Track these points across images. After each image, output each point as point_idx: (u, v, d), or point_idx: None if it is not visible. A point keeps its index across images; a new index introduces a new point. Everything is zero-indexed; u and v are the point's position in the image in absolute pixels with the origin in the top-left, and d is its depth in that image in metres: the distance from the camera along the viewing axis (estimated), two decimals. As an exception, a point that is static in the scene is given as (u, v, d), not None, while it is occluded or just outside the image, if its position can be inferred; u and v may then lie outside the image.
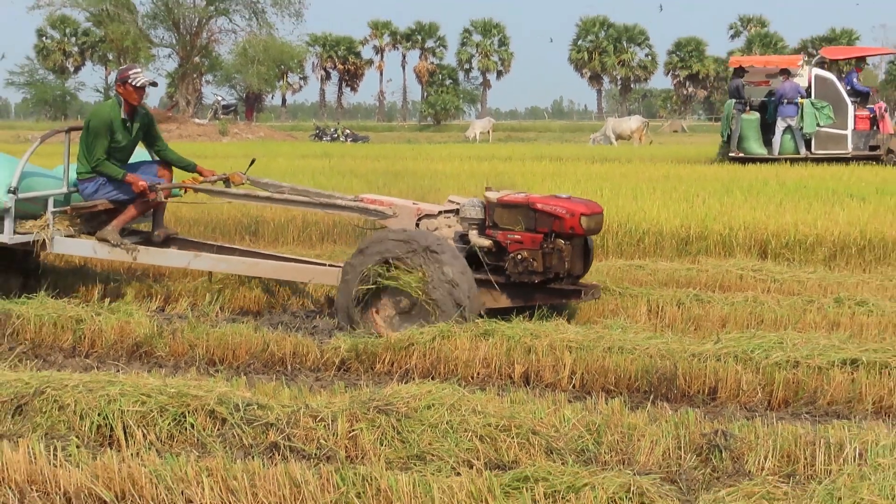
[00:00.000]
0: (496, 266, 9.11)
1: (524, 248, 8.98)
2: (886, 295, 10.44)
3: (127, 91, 10.04)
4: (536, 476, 4.94)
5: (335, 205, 9.99)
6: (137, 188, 9.87)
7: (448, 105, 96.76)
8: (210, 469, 5.09)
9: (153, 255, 10.21)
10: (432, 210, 9.57)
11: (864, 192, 17.24)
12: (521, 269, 8.97)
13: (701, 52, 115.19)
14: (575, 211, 8.94)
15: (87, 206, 10.18)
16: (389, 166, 24.45)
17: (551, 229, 8.95)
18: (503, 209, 9.15)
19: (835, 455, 5.55)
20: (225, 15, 70.70)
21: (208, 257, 10.09)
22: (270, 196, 10.14)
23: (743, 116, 27.28)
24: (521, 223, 9.05)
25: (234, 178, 10.40)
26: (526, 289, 9.11)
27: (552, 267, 8.95)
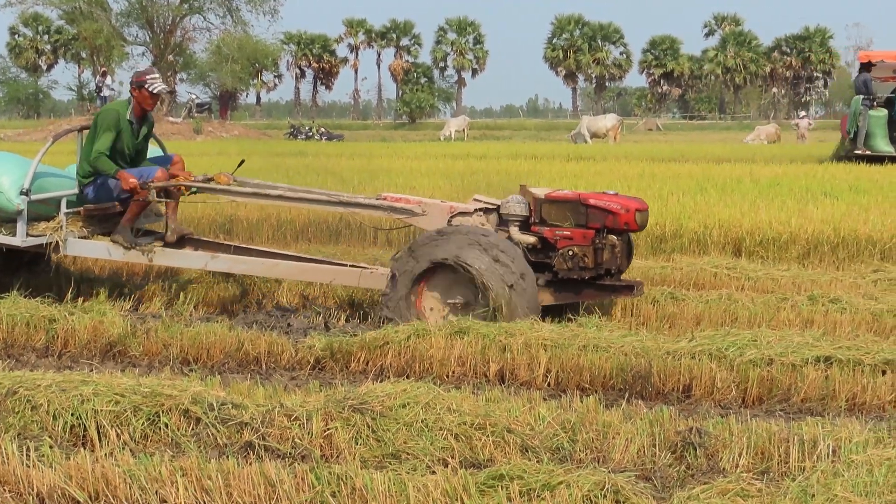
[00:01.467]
0: (540, 263, 9.10)
1: (574, 244, 8.96)
2: (860, 292, 10.49)
3: (142, 96, 9.98)
4: (511, 474, 4.94)
5: (357, 203, 9.87)
6: (127, 185, 9.73)
7: (423, 103, 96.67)
8: (184, 469, 5.07)
9: (169, 257, 10.08)
10: (467, 208, 9.49)
11: (837, 190, 17.32)
12: (571, 265, 8.95)
13: (675, 51, 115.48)
14: (630, 207, 8.96)
15: (100, 208, 10.07)
16: (365, 165, 24.42)
17: (604, 225, 8.95)
18: (552, 205, 9.14)
19: (808, 452, 5.57)
20: (199, 13, 70.46)
21: (226, 258, 9.96)
22: (283, 195, 10.01)
23: (870, 112, 26.65)
24: (571, 219, 9.03)
25: (219, 179, 10.16)
26: (574, 285, 9.09)
27: (603, 263, 8.96)
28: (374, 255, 12.21)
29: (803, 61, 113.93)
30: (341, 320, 9.74)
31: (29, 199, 9.70)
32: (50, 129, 52.19)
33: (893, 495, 4.60)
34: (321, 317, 9.74)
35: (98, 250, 10.16)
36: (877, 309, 9.49)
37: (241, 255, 10.14)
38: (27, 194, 9.67)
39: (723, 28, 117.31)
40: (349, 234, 14.36)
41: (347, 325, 9.60)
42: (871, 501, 4.54)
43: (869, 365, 7.20)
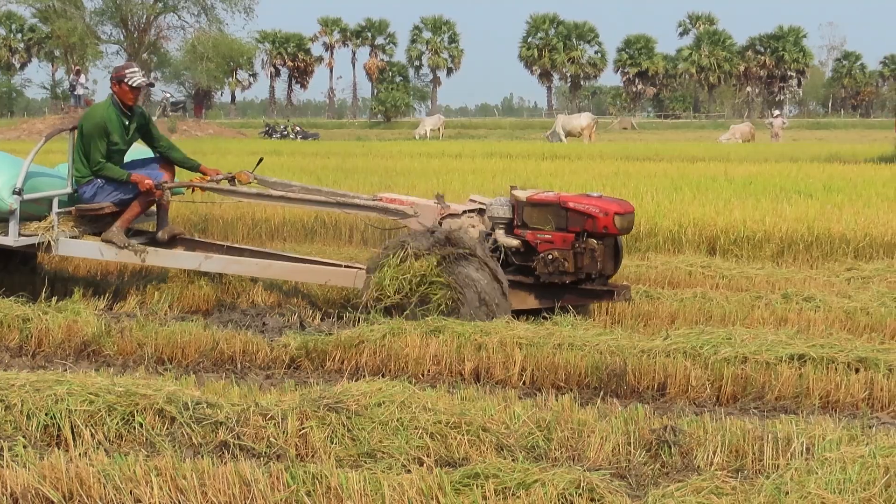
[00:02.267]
0: (524, 266, 9.07)
1: (555, 247, 8.92)
2: (833, 290, 10.53)
3: (122, 91, 9.90)
4: (487, 473, 4.94)
5: (354, 204, 9.87)
6: (144, 186, 9.74)
7: (398, 102, 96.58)
8: (159, 468, 5.05)
9: (162, 257, 10.04)
10: (456, 210, 9.47)
11: (811, 189, 17.41)
12: (551, 269, 8.90)
13: (650, 50, 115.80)
14: (609, 210, 8.89)
15: (92, 208, 10.00)
16: (340, 163, 24.39)
17: (583, 228, 8.89)
18: (533, 208, 9.09)
19: (782, 449, 5.60)
20: (173, 11, 70.24)
21: (220, 259, 9.94)
22: (284, 195, 9.98)
23: None
24: (552, 222, 8.99)
25: (240, 178, 10.22)
26: (555, 289, 9.05)
27: (584, 267, 8.90)
28: (350, 254, 12.20)
29: (777, 60, 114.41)
30: (316, 319, 9.73)
31: (21, 199, 9.63)
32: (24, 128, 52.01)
33: (867, 492, 4.62)
34: (296, 316, 9.73)
35: (90, 250, 10.10)
36: (850, 307, 9.53)
37: (234, 255, 10.11)
38: (20, 194, 9.60)
39: (697, 27, 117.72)
40: (324, 232, 14.36)
41: (323, 323, 9.59)
42: (844, 499, 4.56)
43: (842, 363, 7.23)
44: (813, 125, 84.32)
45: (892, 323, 9.06)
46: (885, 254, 12.49)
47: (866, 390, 7.03)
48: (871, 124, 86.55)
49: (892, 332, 8.87)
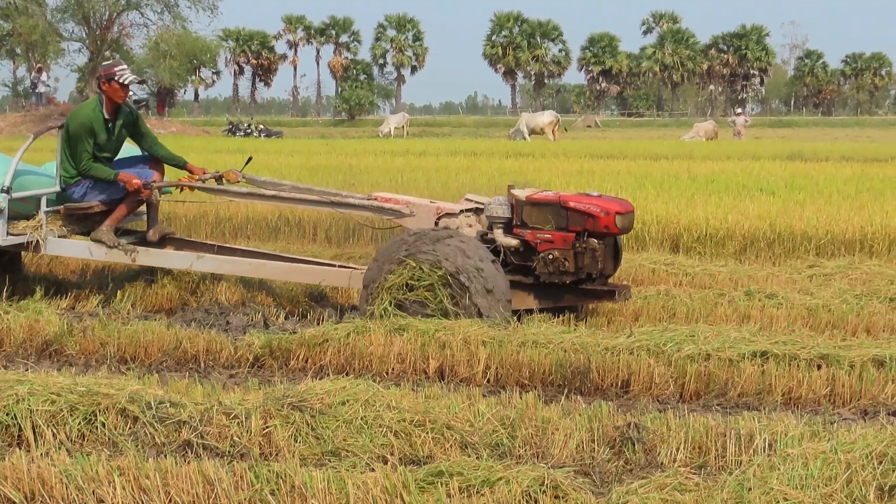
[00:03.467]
0: (523, 266, 9.04)
1: (555, 247, 8.87)
2: (795, 288, 10.59)
3: (112, 88, 9.80)
4: (451, 471, 4.94)
5: (348, 203, 9.75)
6: (132, 186, 9.64)
7: (362, 100, 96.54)
8: (122, 468, 5.03)
9: (153, 257, 9.96)
10: (453, 209, 9.41)
11: (773, 187, 17.52)
12: (551, 269, 8.84)
13: (614, 48, 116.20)
14: (610, 209, 8.83)
15: (81, 207, 9.91)
16: (304, 162, 24.34)
17: (584, 228, 8.83)
18: (532, 207, 9.02)
19: (745, 446, 5.63)
20: (136, 9, 69.84)
21: (212, 258, 9.86)
22: (277, 195, 9.88)
23: None
24: (552, 222, 8.93)
25: (228, 177, 10.11)
26: (555, 289, 9.00)
27: (584, 267, 8.84)
28: (315, 252, 12.18)
29: (740, 59, 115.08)
30: (280, 318, 9.70)
31: (10, 198, 9.55)
32: (-15, 126, 51.55)
33: (828, 488, 4.65)
34: (260, 314, 9.70)
35: (79, 250, 10.01)
36: (812, 304, 9.59)
37: (225, 255, 10.05)
38: (8, 192, 9.51)
39: (660, 26, 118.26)
40: (288, 231, 14.34)
41: (287, 322, 9.57)
42: (806, 494, 4.59)
43: (804, 359, 7.28)
44: (775, 123, 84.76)
45: (854, 320, 9.12)
46: (847, 251, 12.58)
47: (828, 387, 7.07)
48: (833, 122, 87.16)
49: (853, 328, 8.94)
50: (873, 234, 12.78)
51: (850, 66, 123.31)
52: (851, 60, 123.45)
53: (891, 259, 12.39)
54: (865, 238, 12.75)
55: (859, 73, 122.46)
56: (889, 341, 8.02)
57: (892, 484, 4.56)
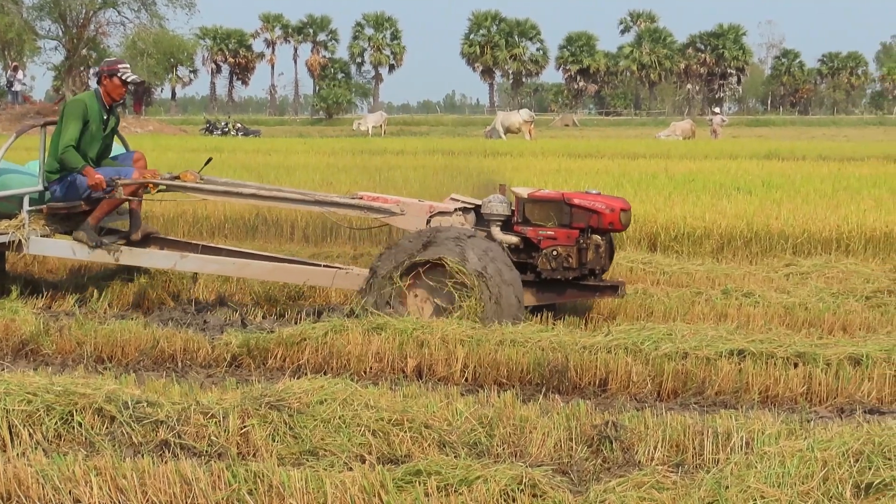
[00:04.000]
0: (523, 263, 9.03)
1: (558, 244, 8.91)
2: (772, 286, 10.63)
3: (113, 84, 9.80)
4: (429, 470, 4.94)
5: (334, 202, 9.66)
6: (92, 181, 9.50)
7: (340, 99, 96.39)
8: (98, 468, 5.01)
9: (137, 256, 9.85)
10: (447, 208, 9.36)
11: (750, 186, 17.58)
12: (554, 265, 8.88)
13: (592, 47, 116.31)
14: (615, 206, 8.92)
15: (64, 207, 9.84)
16: (282, 160, 24.32)
17: (588, 225, 8.90)
18: (535, 205, 9.07)
19: (722, 444, 5.64)
20: (113, 7, 69.60)
21: (196, 258, 9.78)
22: (256, 194, 9.79)
23: None
24: (555, 219, 8.97)
25: (185, 178, 9.82)
26: (557, 286, 9.03)
27: (588, 263, 8.90)
28: (292, 251, 12.16)
29: (717, 58, 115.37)
30: (258, 317, 9.69)
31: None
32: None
33: (805, 486, 4.66)
34: (238, 313, 9.68)
35: (62, 249, 9.91)
36: (789, 302, 9.63)
37: (210, 254, 9.99)
38: None
39: (638, 25, 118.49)
40: (265, 229, 14.30)
41: (264, 321, 9.55)
42: (783, 492, 4.60)
43: (781, 358, 7.30)
44: (752, 122, 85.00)
45: (830, 318, 9.16)
46: (823, 250, 12.63)
47: (805, 385, 7.10)
48: (810, 122, 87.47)
49: (829, 327, 8.97)
50: (849, 232, 12.83)
51: (827, 65, 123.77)
52: (828, 60, 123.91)
53: (867, 258, 12.44)
54: (842, 237, 12.80)
55: (836, 73, 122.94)
56: (865, 339, 8.04)
57: (869, 482, 4.58)
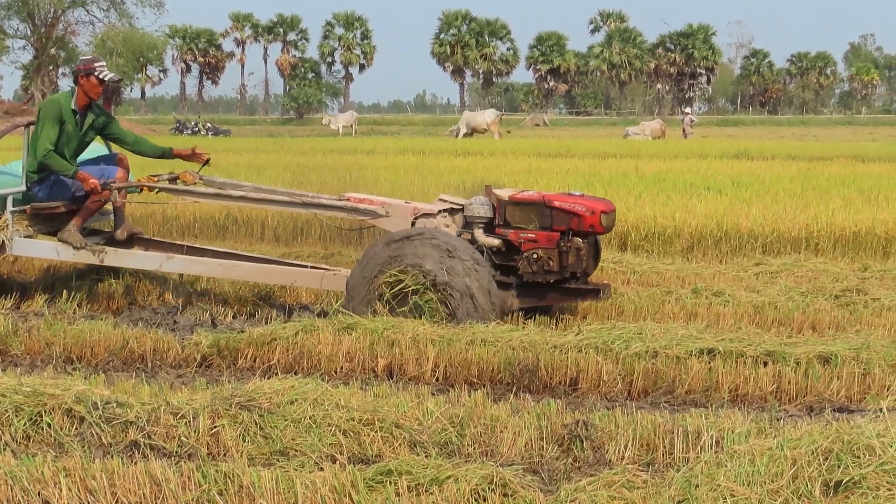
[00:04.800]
0: (505, 266, 8.98)
1: (539, 246, 8.83)
2: (742, 285, 10.67)
3: (90, 83, 9.68)
4: (400, 469, 4.93)
5: (320, 204, 9.57)
6: (88, 186, 9.40)
7: (310, 98, 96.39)
8: (68, 469, 4.98)
9: (121, 257, 9.74)
10: (431, 209, 9.29)
11: (720, 185, 17.65)
12: (535, 268, 8.80)
13: (562, 47, 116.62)
14: (595, 209, 8.83)
15: (48, 207, 9.73)
16: (252, 160, 24.27)
17: (569, 227, 8.82)
18: (516, 207, 8.98)
19: (692, 443, 5.66)
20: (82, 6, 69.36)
21: (182, 259, 9.69)
22: (245, 196, 9.68)
23: None
24: (536, 221, 8.90)
25: (184, 178, 9.76)
26: (539, 289, 8.95)
27: (569, 266, 8.82)
28: (263, 251, 12.13)
29: (687, 58, 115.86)
30: (228, 317, 9.66)
31: None
32: (-73, 124, 50.97)
33: (775, 484, 4.68)
34: (208, 313, 9.65)
35: (46, 250, 9.82)
36: (758, 301, 9.67)
37: (195, 255, 9.92)
38: None
39: (608, 24, 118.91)
40: (236, 229, 14.27)
41: (235, 321, 9.53)
42: (753, 490, 4.62)
43: (751, 357, 7.32)
44: (722, 122, 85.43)
45: (800, 317, 9.20)
46: (793, 249, 12.70)
47: (774, 383, 7.13)
48: (779, 121, 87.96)
49: (799, 325, 9.02)
50: (818, 231, 12.91)
51: (796, 65, 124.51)
52: (797, 60, 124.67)
53: (836, 257, 12.52)
54: (811, 236, 12.87)
55: (805, 73, 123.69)
56: (834, 338, 8.08)
57: (838, 480, 4.60)
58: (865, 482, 4.53)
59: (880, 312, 9.45)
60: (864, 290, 10.26)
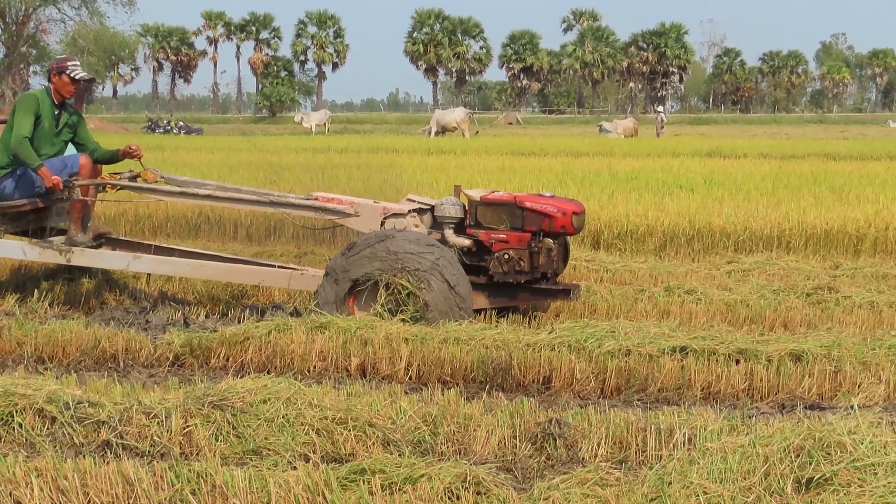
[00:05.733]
0: (475, 266, 8.99)
1: (510, 247, 8.86)
2: (714, 283, 10.71)
3: (62, 82, 9.65)
4: (373, 468, 4.93)
5: (289, 203, 9.53)
6: (49, 182, 9.31)
7: (283, 97, 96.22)
8: (39, 469, 4.96)
9: (89, 257, 9.65)
10: (401, 209, 9.28)
11: (692, 184, 17.69)
12: (506, 268, 8.83)
13: (535, 46, 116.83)
14: (567, 210, 8.85)
15: (13, 206, 9.64)
16: (225, 159, 24.20)
17: (540, 228, 8.85)
18: (487, 207, 8.99)
19: (665, 441, 5.67)
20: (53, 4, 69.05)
21: (150, 259, 9.63)
22: (211, 195, 9.64)
23: None
24: (507, 222, 8.92)
25: (146, 176, 9.72)
26: (510, 289, 8.98)
27: (539, 266, 8.84)
28: (236, 250, 12.11)
29: (659, 56, 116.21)
30: (201, 316, 9.63)
31: None
32: None
33: (747, 481, 4.69)
34: (180, 313, 9.62)
35: (12, 250, 9.71)
36: (731, 299, 9.70)
37: (163, 255, 9.87)
38: None
39: (581, 23, 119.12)
40: (208, 228, 14.24)
41: (207, 320, 9.49)
42: (725, 488, 4.63)
43: (723, 354, 7.34)
44: (694, 120, 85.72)
45: (771, 315, 9.24)
46: (765, 247, 12.75)
47: (746, 381, 7.15)
48: (751, 120, 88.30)
49: (771, 323, 9.06)
50: (790, 230, 12.96)
51: (768, 64, 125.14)
52: (769, 58, 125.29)
53: (807, 254, 12.58)
54: (783, 234, 12.92)
55: (776, 71, 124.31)
56: (806, 336, 8.12)
57: (809, 477, 4.62)
58: (837, 479, 4.55)
59: (851, 310, 9.50)
60: (835, 288, 10.31)
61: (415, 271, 8.42)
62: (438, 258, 8.50)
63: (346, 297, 8.67)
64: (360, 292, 8.68)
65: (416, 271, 8.42)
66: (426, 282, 8.40)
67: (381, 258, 8.51)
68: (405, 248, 8.50)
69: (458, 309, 8.43)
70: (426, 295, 8.39)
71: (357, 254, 8.63)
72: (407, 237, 8.62)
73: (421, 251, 8.49)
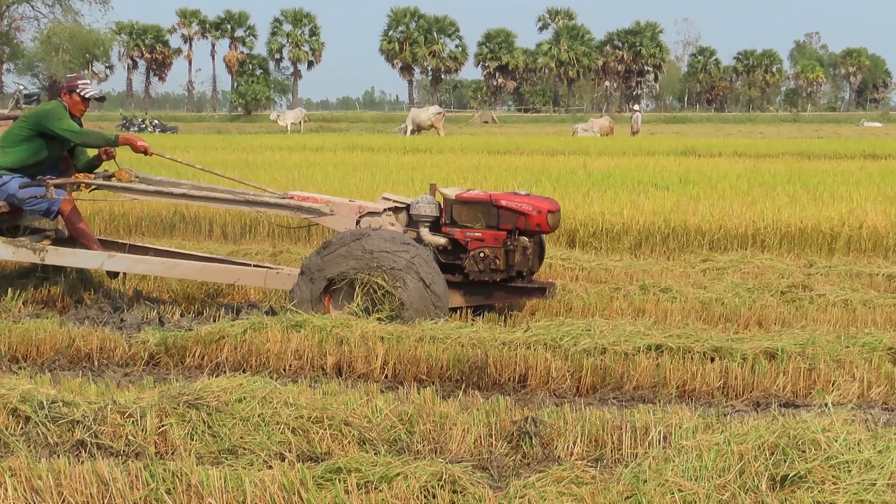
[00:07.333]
0: (451, 264, 8.99)
1: (486, 245, 8.87)
2: (689, 282, 10.74)
3: (73, 101, 9.59)
4: (349, 467, 4.92)
5: (264, 202, 9.50)
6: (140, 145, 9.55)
7: (259, 95, 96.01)
8: (13, 469, 4.93)
9: (63, 256, 9.63)
10: (376, 208, 9.27)
11: (667, 182, 17.73)
12: (481, 267, 8.84)
13: (510, 44, 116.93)
14: (542, 208, 8.86)
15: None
16: (200, 157, 24.11)
17: (515, 226, 8.86)
18: (462, 206, 9.00)
19: (640, 439, 5.68)
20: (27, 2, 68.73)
21: (124, 258, 9.59)
22: (187, 193, 9.62)
23: None
24: (482, 220, 8.93)
25: (120, 176, 9.64)
26: (485, 287, 9.00)
27: (515, 265, 8.86)
28: (211, 248, 12.08)
29: (634, 55, 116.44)
30: (176, 315, 9.60)
31: None
32: None
33: (722, 479, 4.71)
34: (155, 311, 9.58)
35: None
36: (706, 297, 9.73)
37: (137, 253, 9.83)
38: None
39: (556, 22, 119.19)
40: (184, 227, 14.20)
41: (182, 319, 9.46)
42: (700, 485, 4.64)
43: (698, 353, 7.36)
44: (670, 119, 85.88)
45: (746, 313, 9.27)
46: (739, 245, 12.79)
47: (721, 379, 7.17)
48: (726, 119, 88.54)
49: (745, 321, 9.09)
50: (765, 228, 13.01)
51: (743, 62, 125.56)
52: (743, 57, 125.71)
53: (782, 253, 12.63)
54: (757, 232, 12.97)
55: (751, 70, 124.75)
56: (780, 334, 8.16)
57: (784, 474, 4.64)
58: (811, 476, 4.57)
59: (825, 308, 9.54)
60: (809, 286, 10.35)
61: (390, 270, 8.42)
62: (414, 257, 8.50)
63: (322, 295, 8.67)
64: (335, 291, 8.69)
65: (392, 270, 8.42)
66: (402, 280, 8.41)
67: (356, 257, 8.51)
68: (380, 247, 8.50)
69: (433, 307, 8.44)
70: (402, 293, 8.40)
71: (332, 252, 8.63)
72: (382, 236, 8.62)
73: (396, 250, 8.49)
